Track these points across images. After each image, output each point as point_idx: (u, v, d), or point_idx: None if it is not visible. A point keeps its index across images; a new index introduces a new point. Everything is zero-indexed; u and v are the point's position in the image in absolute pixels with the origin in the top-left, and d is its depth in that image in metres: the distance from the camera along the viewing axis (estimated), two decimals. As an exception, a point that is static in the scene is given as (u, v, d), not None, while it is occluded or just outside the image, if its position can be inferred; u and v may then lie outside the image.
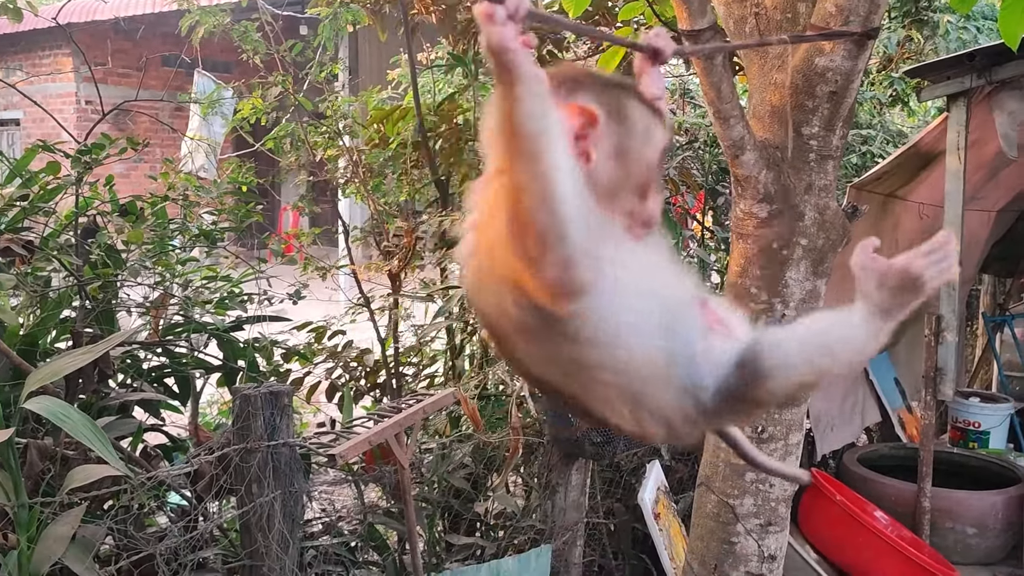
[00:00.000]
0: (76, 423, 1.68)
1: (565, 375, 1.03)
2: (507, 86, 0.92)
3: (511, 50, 0.91)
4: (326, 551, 2.73)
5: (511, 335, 1.02)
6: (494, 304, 1.02)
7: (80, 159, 2.63)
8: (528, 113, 0.92)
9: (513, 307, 0.99)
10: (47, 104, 11.68)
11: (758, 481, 2.19)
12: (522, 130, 0.92)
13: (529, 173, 0.92)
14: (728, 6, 2.19)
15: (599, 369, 1.00)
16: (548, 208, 0.92)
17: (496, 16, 0.90)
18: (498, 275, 1.00)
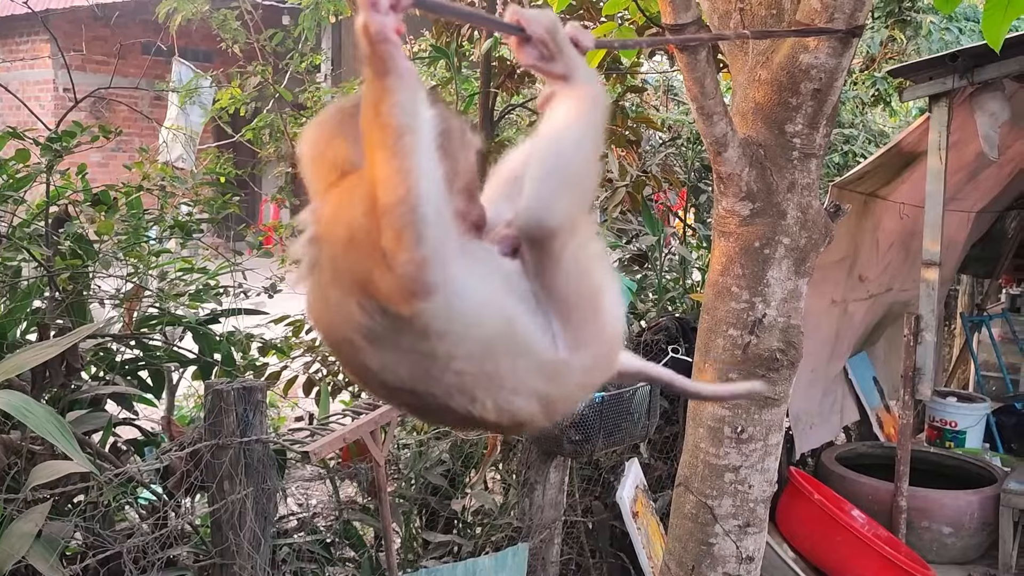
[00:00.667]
0: (40, 418, 1.64)
1: (419, 377, 1.00)
2: (379, 77, 0.90)
3: (388, 41, 0.89)
4: (300, 548, 2.69)
5: (357, 346, 0.99)
6: (338, 315, 0.99)
7: (50, 147, 2.57)
8: (398, 106, 0.90)
9: (359, 313, 0.97)
10: (24, 91, 11.55)
11: (737, 482, 2.17)
12: (391, 123, 0.90)
13: (393, 168, 0.90)
14: (713, 1, 2.17)
15: (453, 359, 0.99)
16: (409, 206, 0.90)
17: (380, 5, 0.88)
18: (343, 281, 0.97)
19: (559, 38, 1.08)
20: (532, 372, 1.03)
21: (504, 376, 1.02)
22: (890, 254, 4.82)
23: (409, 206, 0.90)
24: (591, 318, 1.07)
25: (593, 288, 1.08)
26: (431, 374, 1.00)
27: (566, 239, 1.02)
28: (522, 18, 1.07)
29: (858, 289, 4.66)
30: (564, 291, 1.04)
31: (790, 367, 2.16)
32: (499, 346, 1.01)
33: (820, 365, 4.50)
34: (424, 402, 1.03)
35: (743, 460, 2.18)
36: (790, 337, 2.14)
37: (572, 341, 1.05)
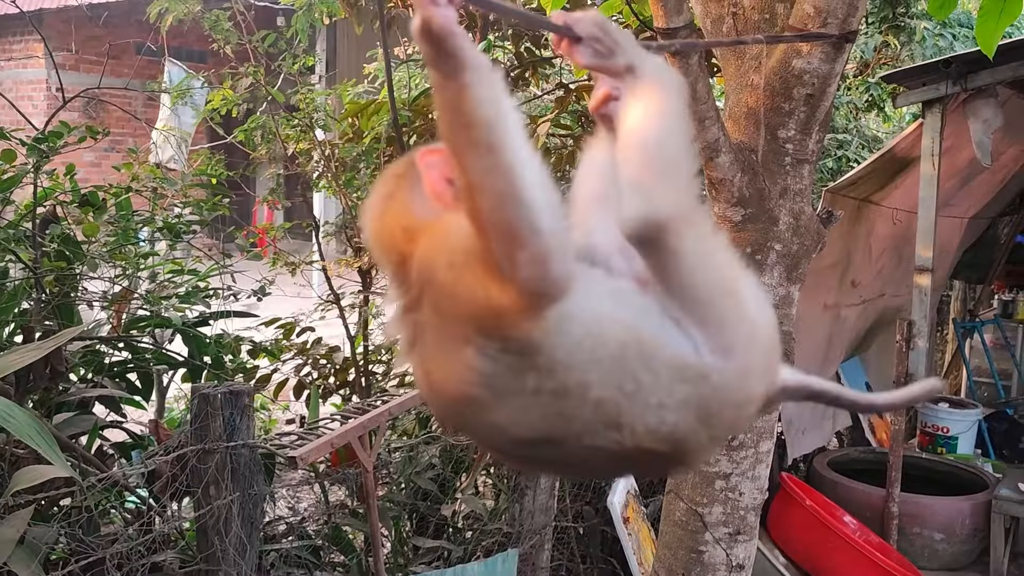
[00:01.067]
0: (21, 423, 1.62)
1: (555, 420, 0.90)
2: (452, 75, 0.84)
3: (455, 34, 0.84)
4: (288, 554, 2.67)
5: (482, 403, 0.90)
6: (453, 374, 0.90)
7: (36, 147, 2.55)
8: (481, 99, 0.84)
9: (477, 359, 0.88)
10: (18, 90, 11.50)
11: (727, 489, 2.16)
12: (476, 119, 0.84)
13: (489, 166, 0.84)
14: (705, 5, 2.15)
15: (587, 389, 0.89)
16: (516, 200, 0.83)
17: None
18: (453, 330, 0.89)
19: (612, 31, 1.00)
20: (677, 379, 0.92)
21: (647, 390, 0.91)
22: (883, 259, 4.82)
23: (516, 199, 0.83)
24: (733, 315, 0.95)
25: (726, 279, 0.96)
26: (567, 414, 0.90)
27: (681, 230, 0.91)
28: (569, 19, 1.00)
29: (851, 294, 4.66)
30: (694, 287, 0.93)
31: (781, 374, 2.14)
32: (632, 359, 0.90)
33: (813, 370, 4.48)
34: (569, 450, 0.93)
35: (734, 467, 2.16)
36: (782, 343, 2.13)
37: (718, 344, 0.93)
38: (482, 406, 0.91)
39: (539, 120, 3.92)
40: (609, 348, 0.90)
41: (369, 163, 4.13)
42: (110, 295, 2.97)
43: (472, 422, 0.95)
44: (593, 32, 1.00)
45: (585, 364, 0.89)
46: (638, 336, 0.91)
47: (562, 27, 1.01)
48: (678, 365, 0.92)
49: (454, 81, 0.84)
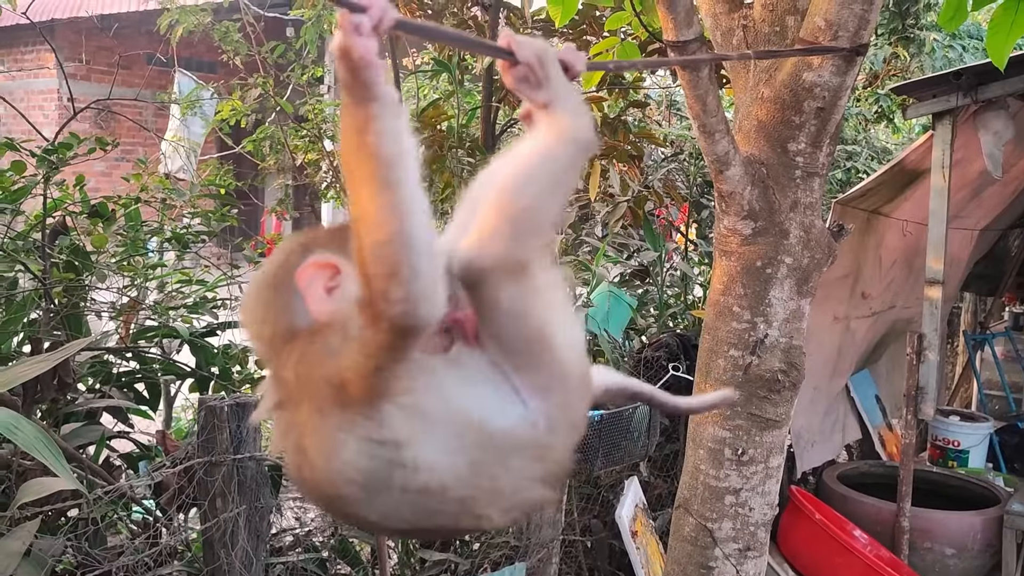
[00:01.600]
0: (28, 435, 1.61)
1: (421, 515, 0.96)
2: (361, 104, 0.86)
3: (372, 65, 0.85)
4: (295, 566, 2.66)
5: (352, 500, 0.94)
6: (323, 463, 0.93)
7: (46, 158, 2.56)
8: (383, 134, 0.86)
9: (354, 455, 0.91)
10: (29, 100, 11.59)
11: (737, 505, 2.14)
12: (376, 153, 0.86)
13: (381, 203, 0.86)
14: (715, 18, 2.15)
15: (448, 489, 0.94)
16: (402, 242, 0.86)
17: (362, 27, 0.84)
18: (328, 424, 0.92)
19: (548, 66, 1.04)
20: (524, 462, 0.99)
21: (502, 485, 0.97)
22: (893, 271, 4.80)
23: (402, 242, 0.86)
24: (546, 357, 1.01)
25: (538, 327, 1.01)
26: (431, 508, 0.95)
27: (501, 281, 0.97)
28: (512, 42, 1.03)
29: (861, 306, 4.63)
30: (510, 336, 0.99)
31: (792, 388, 2.13)
32: (486, 461, 0.96)
33: (822, 382, 4.47)
34: (432, 532, 1.02)
35: (744, 483, 2.14)
36: (792, 358, 2.11)
37: (535, 386, 1.00)
38: (356, 503, 0.95)
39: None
40: (462, 444, 0.95)
41: (377, 174, 4.13)
42: (118, 306, 2.97)
43: (345, 514, 1.00)
44: (531, 61, 1.03)
45: (440, 464, 0.94)
46: (488, 435, 0.96)
47: (503, 50, 1.04)
48: (524, 447, 0.99)
49: (362, 109, 0.86)
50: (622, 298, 3.59)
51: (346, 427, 0.91)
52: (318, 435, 0.93)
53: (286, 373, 0.95)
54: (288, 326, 0.96)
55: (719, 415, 2.15)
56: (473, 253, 0.97)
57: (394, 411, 0.92)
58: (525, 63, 1.03)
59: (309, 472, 0.95)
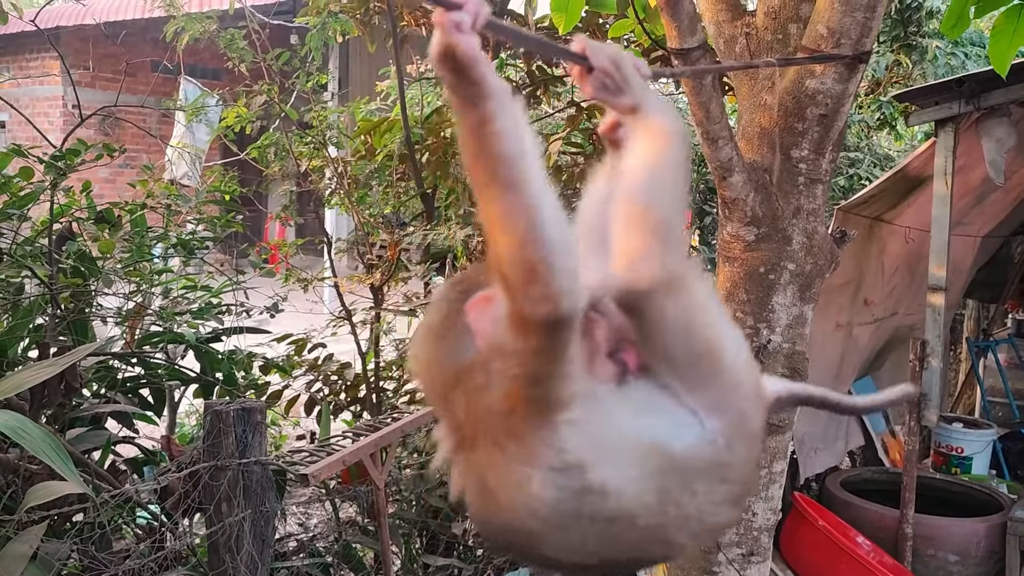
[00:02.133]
0: (36, 439, 1.62)
1: (608, 545, 0.92)
2: (475, 104, 0.83)
3: (479, 61, 0.82)
4: (299, 571, 2.67)
5: (537, 533, 0.91)
6: (516, 506, 0.90)
7: (54, 164, 2.58)
8: (504, 131, 0.83)
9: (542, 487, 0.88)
10: (34, 107, 11.62)
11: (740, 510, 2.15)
12: (498, 153, 0.83)
13: (510, 203, 0.84)
14: (719, 25, 2.16)
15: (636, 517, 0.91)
16: (536, 239, 0.84)
17: (463, 24, 0.82)
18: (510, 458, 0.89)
19: (625, 69, 1.01)
20: (708, 484, 0.96)
21: (690, 510, 0.95)
22: (895, 278, 4.80)
23: (536, 239, 0.83)
24: (716, 370, 0.99)
25: (706, 340, 0.99)
26: (619, 538, 0.93)
27: (662, 298, 0.94)
28: (588, 47, 1.01)
29: (863, 313, 4.64)
30: (676, 353, 0.96)
31: (795, 394, 2.13)
32: (672, 486, 0.93)
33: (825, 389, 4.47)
34: (618, 564, 0.97)
35: (747, 487, 2.15)
36: (795, 364, 2.12)
37: (709, 404, 0.97)
38: (543, 537, 0.92)
39: (550, 138, 3.93)
40: (647, 469, 0.92)
41: (381, 180, 4.16)
42: (124, 311, 2.98)
43: (531, 550, 0.96)
44: (606, 66, 1.01)
45: (628, 489, 0.91)
46: (660, 447, 0.94)
47: (577, 55, 1.01)
48: (706, 469, 0.96)
49: (476, 109, 0.83)
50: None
51: (526, 459, 0.88)
52: (499, 472, 0.90)
53: (458, 414, 0.93)
54: (456, 366, 0.94)
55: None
56: (628, 277, 0.94)
57: (569, 432, 0.89)
58: (600, 68, 1.01)
59: (495, 510, 0.92)
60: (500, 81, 0.85)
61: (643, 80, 1.04)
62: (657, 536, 0.94)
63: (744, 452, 1.00)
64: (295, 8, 6.56)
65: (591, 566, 0.95)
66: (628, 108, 1.02)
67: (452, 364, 0.94)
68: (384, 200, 4.20)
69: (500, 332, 0.89)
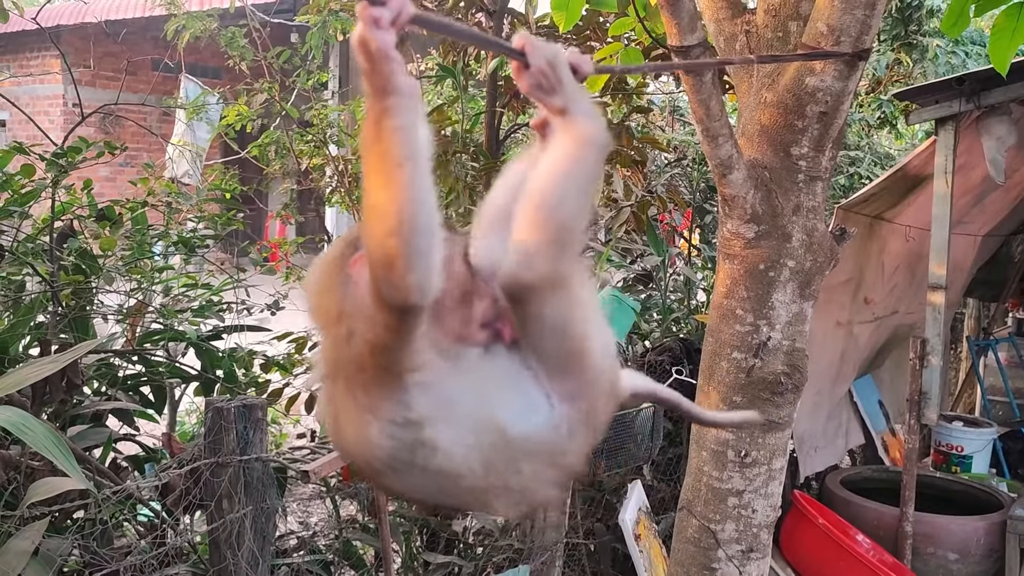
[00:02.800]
0: (38, 434, 1.63)
1: (436, 494, 1.03)
2: (380, 97, 0.88)
3: (390, 58, 0.87)
4: (299, 568, 2.67)
5: (381, 471, 1.01)
6: (364, 448, 1.00)
7: (55, 162, 2.58)
8: (399, 130, 0.88)
9: (380, 437, 0.97)
10: (35, 106, 11.62)
11: (740, 507, 2.15)
12: (390, 149, 0.88)
13: (389, 197, 0.89)
14: (719, 23, 2.17)
15: (462, 478, 1.00)
16: (403, 238, 0.89)
17: (381, 20, 0.85)
18: (359, 402, 0.98)
19: (560, 71, 1.05)
20: (537, 465, 1.04)
21: (512, 484, 1.03)
22: (896, 277, 4.80)
23: (402, 235, 0.89)
24: (580, 367, 1.05)
25: (578, 338, 1.05)
26: (446, 489, 1.02)
27: (545, 296, 1.00)
28: (527, 44, 1.04)
29: (864, 311, 4.64)
30: (549, 346, 1.03)
31: (794, 391, 2.14)
32: (500, 460, 1.01)
33: (825, 387, 4.47)
34: (449, 506, 1.08)
35: (746, 484, 2.15)
36: (795, 361, 2.13)
37: (565, 392, 1.04)
38: (382, 474, 1.02)
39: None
40: (480, 439, 1.00)
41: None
42: (125, 309, 2.99)
43: (375, 480, 1.10)
44: (542, 66, 1.04)
45: (457, 453, 0.99)
46: (502, 425, 1.01)
47: (516, 51, 1.05)
48: (537, 442, 1.03)
49: (380, 102, 0.89)
50: (626, 302, 3.59)
51: (370, 409, 0.97)
52: (348, 413, 0.99)
53: (328, 351, 1.02)
54: (337, 307, 1.01)
55: (722, 417, 2.16)
56: (517, 269, 1.00)
57: (416, 392, 0.97)
58: (537, 68, 1.04)
59: (344, 442, 1.03)
60: (408, 79, 0.89)
61: (576, 85, 1.07)
62: (477, 497, 1.03)
63: (582, 441, 1.08)
64: (296, 6, 6.57)
65: (426, 503, 1.09)
66: (557, 109, 1.06)
67: (334, 302, 1.02)
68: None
69: (365, 296, 0.97)
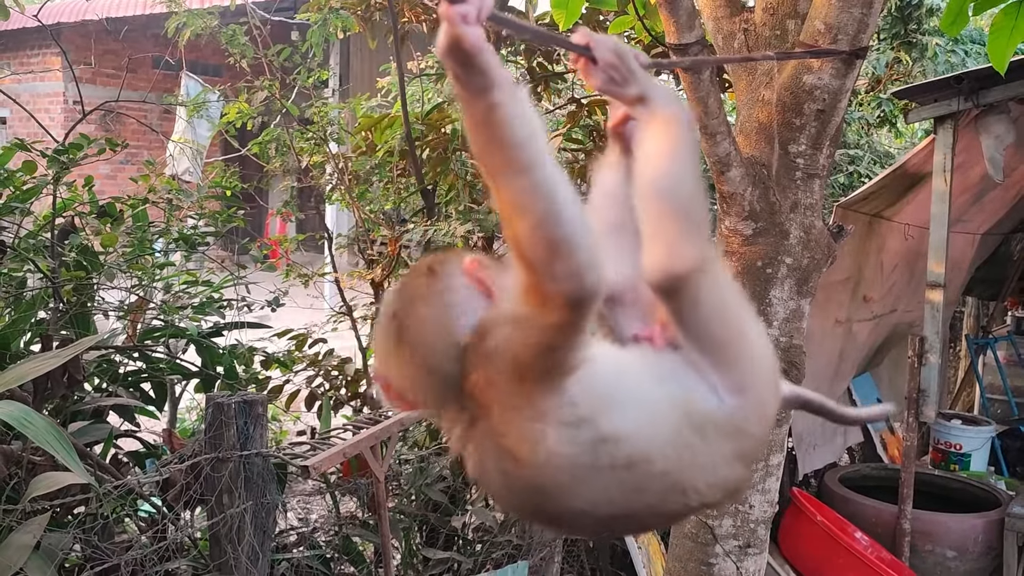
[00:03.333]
0: (40, 429, 1.64)
1: (629, 494, 0.97)
2: (481, 93, 0.85)
3: (485, 51, 0.85)
4: (299, 563, 2.68)
5: (561, 485, 0.95)
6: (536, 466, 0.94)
7: (57, 159, 2.59)
8: (513, 117, 0.86)
9: (558, 443, 0.92)
10: (35, 103, 11.63)
11: (738, 502, 2.16)
12: (510, 139, 0.86)
13: (527, 185, 0.86)
14: (717, 21, 2.18)
15: (653, 463, 0.96)
16: (554, 217, 0.87)
17: (468, 16, 0.84)
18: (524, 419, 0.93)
19: (629, 60, 1.03)
20: (721, 440, 1.00)
21: (702, 459, 0.99)
22: (895, 275, 4.81)
23: (555, 217, 0.86)
24: (745, 354, 1.04)
25: (737, 322, 1.04)
26: (638, 485, 0.97)
27: (698, 281, 0.99)
28: (591, 40, 1.03)
29: (862, 309, 4.65)
30: (710, 333, 1.01)
31: (792, 387, 2.15)
32: (685, 433, 0.98)
33: (824, 385, 4.48)
34: (638, 519, 1.03)
35: (744, 480, 2.17)
36: (792, 357, 2.13)
37: (734, 384, 1.02)
38: (565, 492, 0.95)
39: (551, 135, 3.95)
40: (659, 417, 0.98)
41: (382, 176, 4.16)
42: (126, 305, 3.00)
43: (556, 508, 0.99)
44: (610, 59, 1.02)
45: (642, 432, 0.96)
46: (689, 411, 0.99)
47: (582, 48, 1.03)
48: (719, 425, 1.00)
49: (484, 99, 0.86)
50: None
51: (539, 417, 0.92)
52: (515, 433, 0.93)
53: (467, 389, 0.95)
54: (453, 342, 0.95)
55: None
56: (667, 262, 0.98)
57: (578, 388, 0.93)
58: (605, 61, 1.02)
59: (516, 471, 0.94)
60: (505, 70, 0.87)
61: (647, 72, 1.06)
62: (674, 483, 0.98)
63: (757, 432, 1.05)
64: (296, 4, 6.57)
65: (615, 517, 0.99)
66: (635, 99, 1.04)
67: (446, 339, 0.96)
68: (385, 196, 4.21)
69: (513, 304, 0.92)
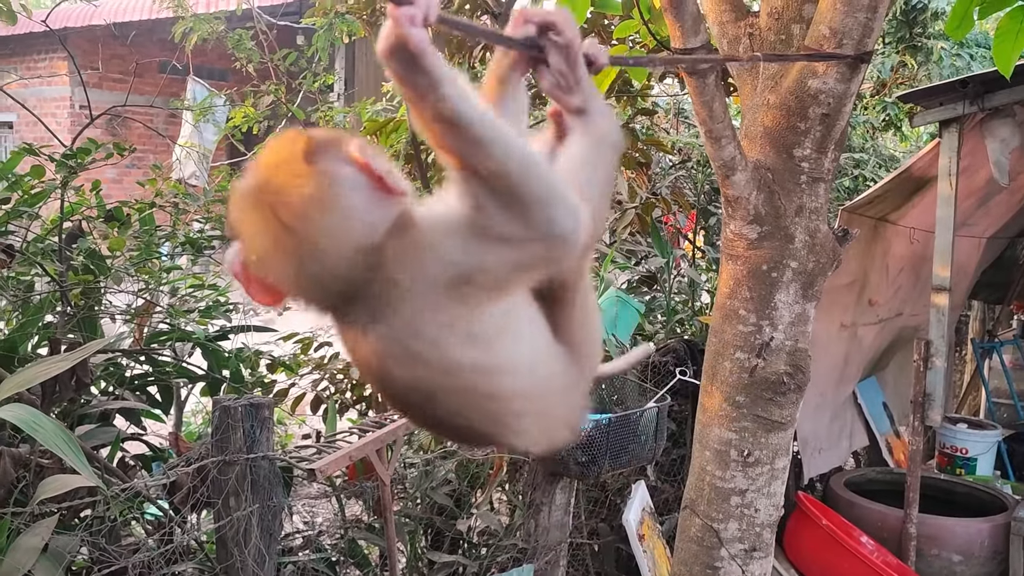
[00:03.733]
0: (48, 432, 1.65)
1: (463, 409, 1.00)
2: (429, 90, 0.88)
3: (428, 52, 0.88)
4: (305, 567, 2.69)
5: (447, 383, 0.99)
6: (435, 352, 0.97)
7: (65, 163, 2.61)
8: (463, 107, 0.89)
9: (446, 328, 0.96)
10: (42, 108, 11.68)
11: (743, 506, 2.16)
12: (468, 119, 0.89)
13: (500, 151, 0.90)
14: (722, 26, 2.18)
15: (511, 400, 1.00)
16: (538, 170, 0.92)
17: (416, 18, 0.87)
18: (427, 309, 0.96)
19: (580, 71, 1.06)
20: (568, 400, 1.08)
21: (552, 412, 1.06)
22: (900, 279, 4.81)
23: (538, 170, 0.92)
24: (591, 341, 1.12)
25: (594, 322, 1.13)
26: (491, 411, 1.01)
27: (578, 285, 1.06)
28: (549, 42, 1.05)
29: (868, 313, 4.64)
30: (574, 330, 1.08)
31: (797, 391, 2.15)
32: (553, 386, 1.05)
33: (829, 389, 4.48)
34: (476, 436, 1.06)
35: (749, 484, 2.17)
36: (797, 361, 2.14)
37: (576, 362, 1.09)
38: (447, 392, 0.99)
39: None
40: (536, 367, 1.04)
41: (387, 180, 4.17)
42: (133, 309, 3.02)
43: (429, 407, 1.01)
44: (562, 66, 1.06)
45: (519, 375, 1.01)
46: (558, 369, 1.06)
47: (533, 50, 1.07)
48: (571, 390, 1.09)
49: (431, 96, 0.89)
50: (630, 303, 3.61)
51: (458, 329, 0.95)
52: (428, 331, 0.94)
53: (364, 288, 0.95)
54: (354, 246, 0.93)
55: (726, 417, 2.17)
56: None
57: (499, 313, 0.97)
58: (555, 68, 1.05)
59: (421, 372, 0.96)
60: (449, 68, 0.90)
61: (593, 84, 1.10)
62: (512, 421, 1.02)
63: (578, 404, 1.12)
64: (302, 9, 6.59)
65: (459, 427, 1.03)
66: (575, 109, 1.08)
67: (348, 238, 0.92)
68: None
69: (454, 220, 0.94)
